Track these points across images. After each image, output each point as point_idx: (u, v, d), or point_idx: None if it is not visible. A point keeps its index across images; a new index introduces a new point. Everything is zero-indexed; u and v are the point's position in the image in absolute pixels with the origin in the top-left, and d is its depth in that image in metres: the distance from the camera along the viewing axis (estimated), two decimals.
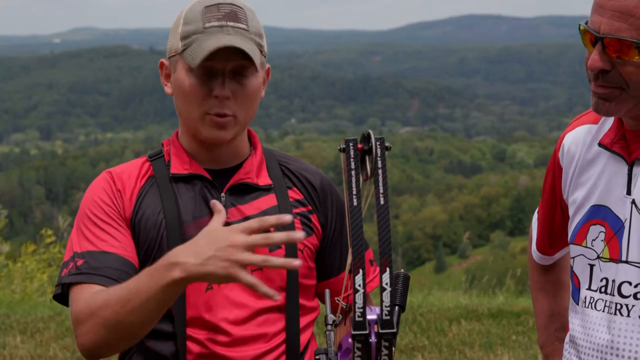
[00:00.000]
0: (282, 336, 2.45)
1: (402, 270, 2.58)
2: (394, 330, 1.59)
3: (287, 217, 2.09)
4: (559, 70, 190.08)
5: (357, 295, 1.63)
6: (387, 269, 1.62)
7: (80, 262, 2.36)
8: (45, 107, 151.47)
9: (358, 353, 1.61)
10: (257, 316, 2.41)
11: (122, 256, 2.37)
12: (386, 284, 1.61)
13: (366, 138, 1.66)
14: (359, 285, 1.64)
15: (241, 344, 2.40)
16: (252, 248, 2.07)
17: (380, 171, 1.64)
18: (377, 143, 1.65)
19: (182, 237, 2.37)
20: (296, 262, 2.08)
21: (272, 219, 2.09)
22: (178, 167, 2.48)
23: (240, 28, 2.38)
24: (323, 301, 2.19)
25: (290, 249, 2.46)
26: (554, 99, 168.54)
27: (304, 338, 2.49)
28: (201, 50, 2.34)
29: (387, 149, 1.67)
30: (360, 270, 1.65)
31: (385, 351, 1.60)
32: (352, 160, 1.65)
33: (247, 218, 2.44)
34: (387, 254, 1.63)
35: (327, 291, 2.12)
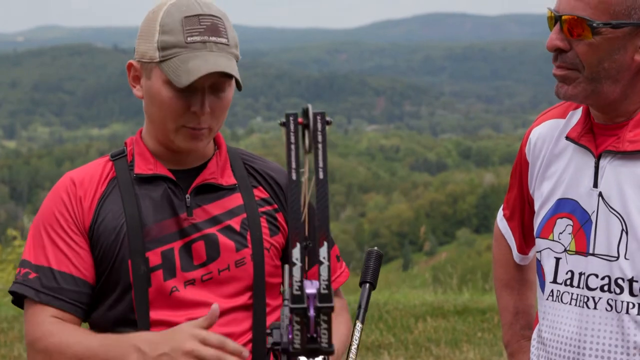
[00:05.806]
0: (249, 335, 2.46)
1: (375, 247, 2.58)
2: (332, 304, 1.60)
3: (245, 353, 2.19)
4: (523, 68, 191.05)
5: (294, 268, 1.63)
6: (325, 243, 1.63)
7: (32, 275, 2.39)
8: (8, 106, 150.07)
9: (297, 327, 1.62)
10: (223, 316, 2.41)
11: (76, 276, 2.39)
12: (324, 257, 1.62)
13: (306, 112, 1.67)
14: (297, 259, 1.64)
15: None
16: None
17: (320, 145, 1.65)
18: (318, 117, 1.66)
19: (143, 240, 2.38)
20: (245, 353, 2.18)
21: (233, 347, 2.18)
22: (142, 167, 2.47)
23: (222, 43, 2.36)
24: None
25: (257, 248, 2.46)
26: (519, 96, 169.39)
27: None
28: (187, 72, 2.32)
29: (328, 123, 1.69)
30: (298, 244, 1.65)
31: (324, 325, 1.62)
32: (291, 134, 1.66)
33: (214, 218, 2.44)
34: (325, 229, 1.64)
35: (286, 266, 2.13)
